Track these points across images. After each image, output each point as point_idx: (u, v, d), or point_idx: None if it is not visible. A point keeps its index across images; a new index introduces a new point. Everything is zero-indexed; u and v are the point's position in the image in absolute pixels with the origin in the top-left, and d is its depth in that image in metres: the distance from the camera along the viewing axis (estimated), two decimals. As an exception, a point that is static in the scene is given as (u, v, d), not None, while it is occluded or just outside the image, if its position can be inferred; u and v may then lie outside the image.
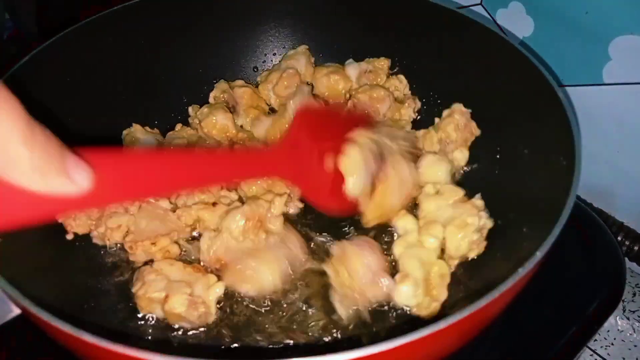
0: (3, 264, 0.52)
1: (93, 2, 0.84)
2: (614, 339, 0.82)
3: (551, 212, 0.54)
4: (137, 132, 0.82)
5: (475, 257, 0.69)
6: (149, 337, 0.65)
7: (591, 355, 0.80)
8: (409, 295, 0.65)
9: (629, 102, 0.78)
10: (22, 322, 0.60)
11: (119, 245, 0.73)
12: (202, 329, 0.65)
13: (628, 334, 0.82)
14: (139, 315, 0.66)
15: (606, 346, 0.81)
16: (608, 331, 0.83)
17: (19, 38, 1.09)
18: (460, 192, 0.71)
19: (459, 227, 0.67)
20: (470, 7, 0.91)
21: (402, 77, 0.89)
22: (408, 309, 0.66)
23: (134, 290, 0.66)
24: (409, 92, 0.90)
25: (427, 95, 0.88)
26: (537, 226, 0.59)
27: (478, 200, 0.70)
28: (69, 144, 0.37)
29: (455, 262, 0.69)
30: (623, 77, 0.77)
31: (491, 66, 0.77)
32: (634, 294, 0.86)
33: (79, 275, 0.69)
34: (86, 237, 0.73)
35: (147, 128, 0.84)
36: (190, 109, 0.90)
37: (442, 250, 0.69)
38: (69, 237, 0.71)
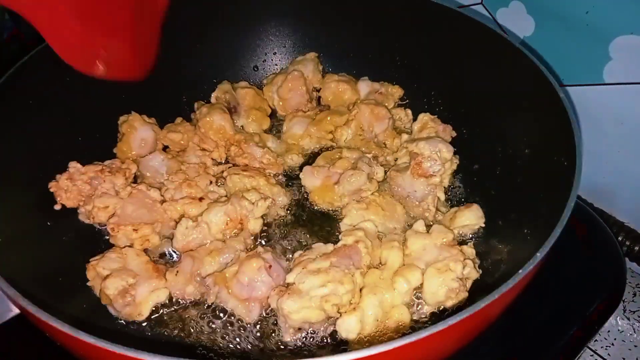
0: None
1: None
2: (615, 339, 0.82)
3: (552, 212, 0.54)
4: (135, 120, 0.82)
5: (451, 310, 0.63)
6: (148, 337, 0.65)
7: (591, 355, 0.80)
8: (348, 329, 0.60)
9: (629, 102, 0.78)
10: (21, 322, 0.60)
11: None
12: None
13: (628, 334, 0.82)
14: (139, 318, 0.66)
15: (607, 346, 0.81)
16: (608, 331, 0.82)
17: (19, 38, 1.09)
18: (449, 235, 0.67)
19: (439, 271, 0.62)
20: (471, 7, 0.91)
21: (409, 111, 0.89)
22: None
23: (91, 259, 0.67)
24: (410, 127, 0.88)
25: (428, 95, 0.88)
26: (537, 226, 0.59)
27: (469, 249, 0.66)
28: (68, 144, 0.37)
29: (430, 309, 0.64)
30: (623, 77, 0.77)
31: (492, 66, 0.77)
32: (634, 294, 0.86)
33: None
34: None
35: (145, 117, 0.84)
36: (196, 104, 0.90)
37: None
38: (57, 207, 0.71)
